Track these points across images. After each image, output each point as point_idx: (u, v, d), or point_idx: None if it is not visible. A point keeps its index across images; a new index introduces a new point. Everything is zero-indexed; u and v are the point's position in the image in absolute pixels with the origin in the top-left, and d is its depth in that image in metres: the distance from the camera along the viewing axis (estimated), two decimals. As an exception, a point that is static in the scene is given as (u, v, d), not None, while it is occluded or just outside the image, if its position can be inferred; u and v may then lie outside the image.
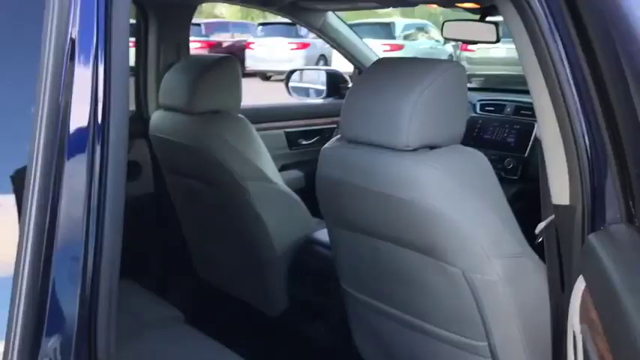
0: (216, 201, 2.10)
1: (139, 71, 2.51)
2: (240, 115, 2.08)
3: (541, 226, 1.34)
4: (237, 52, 13.01)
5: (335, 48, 2.89)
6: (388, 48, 12.37)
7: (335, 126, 2.89)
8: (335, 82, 3.11)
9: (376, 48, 4.20)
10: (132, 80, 2.54)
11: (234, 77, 2.07)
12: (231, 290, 2.34)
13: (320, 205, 1.64)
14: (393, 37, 13.68)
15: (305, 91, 3.29)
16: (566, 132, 1.17)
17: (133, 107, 2.51)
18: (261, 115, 2.74)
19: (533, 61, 1.21)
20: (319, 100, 3.17)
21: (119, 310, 0.78)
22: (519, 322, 1.37)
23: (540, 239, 1.36)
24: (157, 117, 2.18)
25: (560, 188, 1.23)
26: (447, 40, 4.64)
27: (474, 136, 2.68)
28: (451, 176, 1.29)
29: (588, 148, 1.14)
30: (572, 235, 1.22)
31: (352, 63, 2.93)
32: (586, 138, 1.14)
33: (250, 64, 14.02)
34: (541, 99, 1.22)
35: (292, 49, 13.93)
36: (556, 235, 1.29)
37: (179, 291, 2.63)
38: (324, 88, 3.12)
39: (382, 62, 1.53)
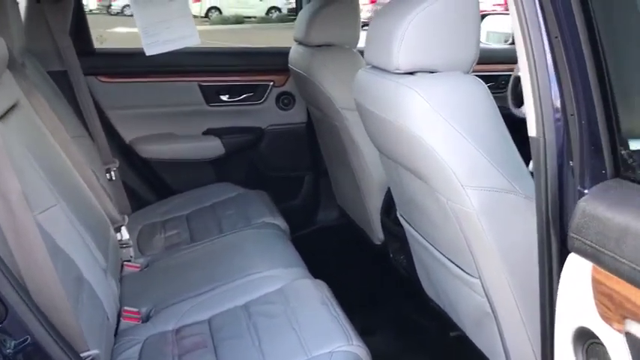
0: (329, 129, 2.27)
1: None
2: (354, 50, 2.20)
3: (531, 164, 1.25)
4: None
5: None
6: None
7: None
8: None
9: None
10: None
11: (351, 14, 2.19)
12: (353, 216, 2.51)
13: None
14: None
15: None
16: (530, 63, 1.10)
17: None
18: None
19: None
20: (498, 45, 3.04)
21: None
22: (503, 263, 1.30)
23: None
24: (292, 50, 2.42)
25: (530, 119, 1.15)
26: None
27: None
28: (430, 101, 1.27)
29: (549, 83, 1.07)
30: (539, 170, 1.14)
31: None
32: (548, 71, 1.07)
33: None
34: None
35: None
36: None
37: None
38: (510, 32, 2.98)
39: None
